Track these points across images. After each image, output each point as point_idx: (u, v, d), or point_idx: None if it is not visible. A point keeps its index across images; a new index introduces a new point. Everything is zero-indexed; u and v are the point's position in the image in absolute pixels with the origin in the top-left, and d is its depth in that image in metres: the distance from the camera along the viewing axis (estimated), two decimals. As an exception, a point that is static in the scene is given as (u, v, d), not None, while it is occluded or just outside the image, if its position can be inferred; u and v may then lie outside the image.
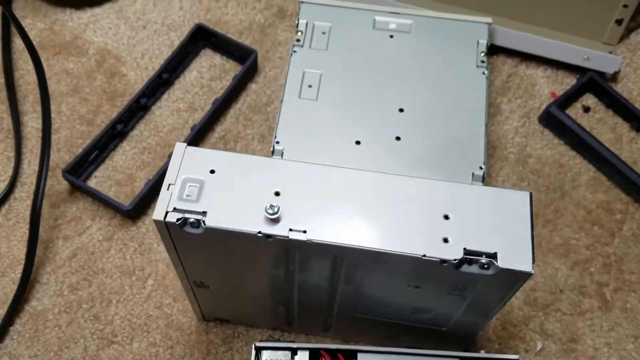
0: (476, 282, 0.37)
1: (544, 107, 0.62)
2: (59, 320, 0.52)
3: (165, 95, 0.62)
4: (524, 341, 0.52)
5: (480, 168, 0.54)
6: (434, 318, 0.44)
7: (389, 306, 0.44)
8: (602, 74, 0.64)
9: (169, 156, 0.57)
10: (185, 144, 0.38)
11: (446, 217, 0.36)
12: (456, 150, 0.55)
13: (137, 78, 0.63)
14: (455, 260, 0.35)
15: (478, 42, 0.60)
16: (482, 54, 0.59)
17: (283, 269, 0.40)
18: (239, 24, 0.67)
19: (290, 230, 0.35)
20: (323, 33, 0.61)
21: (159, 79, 0.61)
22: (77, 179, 0.55)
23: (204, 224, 0.35)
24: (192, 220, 0.35)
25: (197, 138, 0.59)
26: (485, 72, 0.58)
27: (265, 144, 0.61)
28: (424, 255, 0.35)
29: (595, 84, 0.62)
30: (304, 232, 0.35)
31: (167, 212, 0.35)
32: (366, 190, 0.37)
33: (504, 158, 0.60)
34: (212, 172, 0.37)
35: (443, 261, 0.35)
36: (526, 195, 0.37)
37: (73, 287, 0.53)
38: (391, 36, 0.61)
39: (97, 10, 0.67)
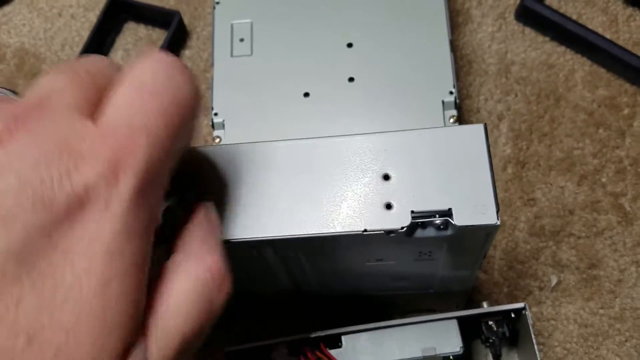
0: (441, 244, 0.31)
1: (520, 1, 0.53)
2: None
3: (94, 86, 0.55)
4: (536, 278, 0.46)
5: (451, 93, 0.46)
6: (416, 284, 0.38)
7: (364, 281, 0.38)
8: (582, -53, 0.54)
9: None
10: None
11: (386, 178, 0.29)
12: (420, 78, 0.47)
13: (61, 73, 0.56)
14: (403, 228, 0.28)
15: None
16: (433, -43, 0.50)
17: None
18: (160, -15, 0.59)
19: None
20: (247, -26, 0.52)
21: (79, 69, 0.54)
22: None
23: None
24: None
25: (134, 126, 0.52)
26: (440, -23, 0.49)
27: (212, 116, 0.54)
28: (365, 231, 0.28)
29: (575, -40, 0.53)
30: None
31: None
32: (289, 164, 0.30)
33: (482, 72, 0.52)
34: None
35: (389, 232, 0.28)
36: (480, 128, 0.29)
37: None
38: (325, -40, 0.52)
39: (7, 8, 0.60)
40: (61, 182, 0.19)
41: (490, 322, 0.40)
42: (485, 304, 0.40)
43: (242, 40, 0.50)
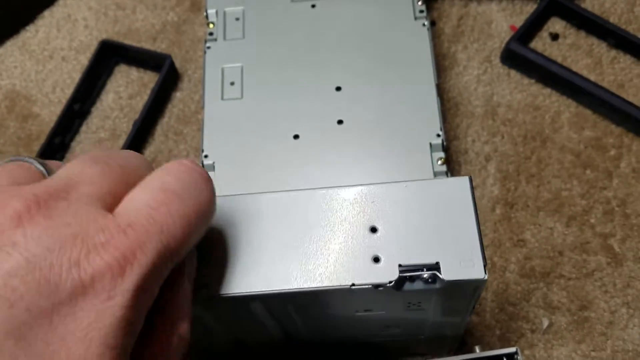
0: (430, 295, 0.31)
1: (505, 45, 0.54)
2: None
3: (84, 127, 0.56)
4: (528, 320, 0.46)
5: (438, 135, 0.46)
6: (406, 331, 0.38)
7: (354, 329, 0.38)
8: (565, -9, 0.55)
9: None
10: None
11: (373, 230, 0.29)
12: (407, 121, 0.48)
13: (51, 115, 0.56)
14: (391, 282, 0.28)
15: (411, -11, 0.52)
16: (419, 2, 0.51)
17: (215, 324, 0.34)
18: (151, 28, 0.59)
19: (193, 290, 0.29)
20: (237, 19, 0.53)
21: (70, 111, 0.54)
22: None
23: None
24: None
25: (124, 169, 0.52)
26: (426, 23, 0.50)
27: (202, 158, 0.54)
28: (353, 285, 0.28)
29: (558, 4, 0.54)
30: (205, 286, 0.29)
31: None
32: (275, 217, 0.30)
33: (469, 114, 0.53)
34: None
35: (377, 286, 0.28)
36: (465, 181, 0.29)
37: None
38: (313, 5, 0.53)
39: (-1, 50, 0.61)
40: (70, 269, 0.19)
41: (483, 367, 0.40)
42: (477, 349, 0.40)
43: (232, 83, 0.50)
